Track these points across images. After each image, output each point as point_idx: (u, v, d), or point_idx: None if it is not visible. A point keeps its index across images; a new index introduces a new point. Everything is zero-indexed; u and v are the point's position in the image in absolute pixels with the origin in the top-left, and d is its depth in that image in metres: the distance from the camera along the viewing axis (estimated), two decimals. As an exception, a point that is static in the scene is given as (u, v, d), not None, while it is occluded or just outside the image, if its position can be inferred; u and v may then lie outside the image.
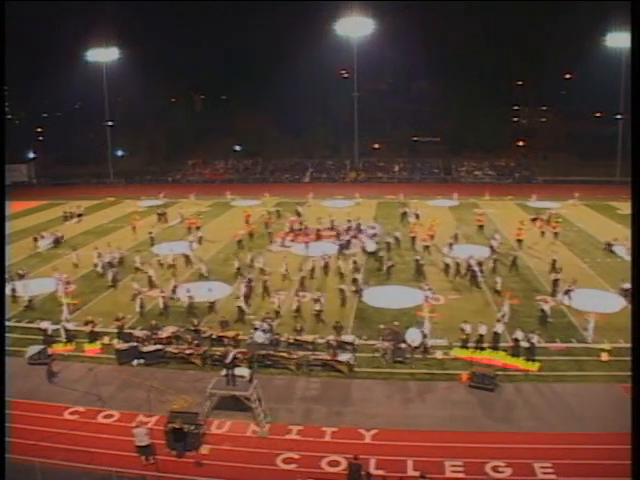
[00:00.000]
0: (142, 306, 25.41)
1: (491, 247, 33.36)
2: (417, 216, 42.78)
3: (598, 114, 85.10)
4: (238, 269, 30.46)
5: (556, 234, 37.04)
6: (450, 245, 34.07)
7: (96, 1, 69.17)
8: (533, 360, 19.82)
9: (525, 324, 22.64)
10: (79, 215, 47.22)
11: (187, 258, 33.13)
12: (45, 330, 22.58)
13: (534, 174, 70.78)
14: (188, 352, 20.67)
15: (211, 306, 25.47)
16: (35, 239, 38.33)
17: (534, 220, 41.40)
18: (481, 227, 39.35)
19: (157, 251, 35.66)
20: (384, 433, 16.21)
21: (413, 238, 35.48)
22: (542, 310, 23.46)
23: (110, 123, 76.11)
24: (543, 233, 37.57)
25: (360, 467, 13.78)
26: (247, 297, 26.05)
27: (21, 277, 30.41)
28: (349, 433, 16.23)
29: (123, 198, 58.53)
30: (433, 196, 55.41)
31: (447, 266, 30.30)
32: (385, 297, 26.72)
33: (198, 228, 39.78)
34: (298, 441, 15.93)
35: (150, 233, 38.48)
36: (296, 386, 19.03)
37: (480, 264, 29.43)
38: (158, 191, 59.35)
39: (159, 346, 21.18)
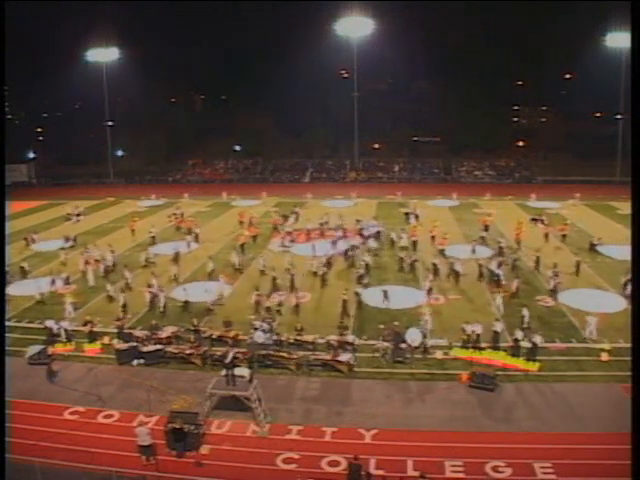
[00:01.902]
0: (124, 305, 25.64)
1: (500, 248, 33.15)
2: (417, 217, 42.70)
3: (598, 114, 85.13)
4: (212, 271, 30.55)
5: (564, 236, 36.93)
6: (474, 247, 33.79)
7: (96, 1, 69.24)
8: (533, 360, 19.84)
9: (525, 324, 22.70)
10: (78, 215, 47.30)
11: (176, 258, 33.39)
12: (50, 329, 22.60)
13: (534, 174, 70.80)
14: (188, 352, 20.67)
15: (184, 306, 25.83)
16: (26, 239, 38.50)
17: (534, 220, 41.33)
18: (486, 228, 38.89)
19: (157, 251, 35.79)
20: (384, 433, 16.20)
21: (414, 242, 35.13)
22: (522, 316, 22.86)
23: (110, 123, 76.16)
24: (547, 235, 37.19)
25: (360, 467, 13.78)
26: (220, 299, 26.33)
27: (24, 274, 30.85)
28: (349, 433, 16.22)
29: (123, 198, 58.55)
30: (433, 196, 55.39)
31: (457, 273, 29.05)
32: (385, 296, 26.65)
33: (189, 229, 39.92)
34: (298, 441, 15.93)
35: (150, 233, 38.64)
36: (296, 386, 19.03)
37: (500, 265, 29.11)
38: (159, 191, 59.47)
39: (159, 346, 21.18)
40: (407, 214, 43.81)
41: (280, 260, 31.71)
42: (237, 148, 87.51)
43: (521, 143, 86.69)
